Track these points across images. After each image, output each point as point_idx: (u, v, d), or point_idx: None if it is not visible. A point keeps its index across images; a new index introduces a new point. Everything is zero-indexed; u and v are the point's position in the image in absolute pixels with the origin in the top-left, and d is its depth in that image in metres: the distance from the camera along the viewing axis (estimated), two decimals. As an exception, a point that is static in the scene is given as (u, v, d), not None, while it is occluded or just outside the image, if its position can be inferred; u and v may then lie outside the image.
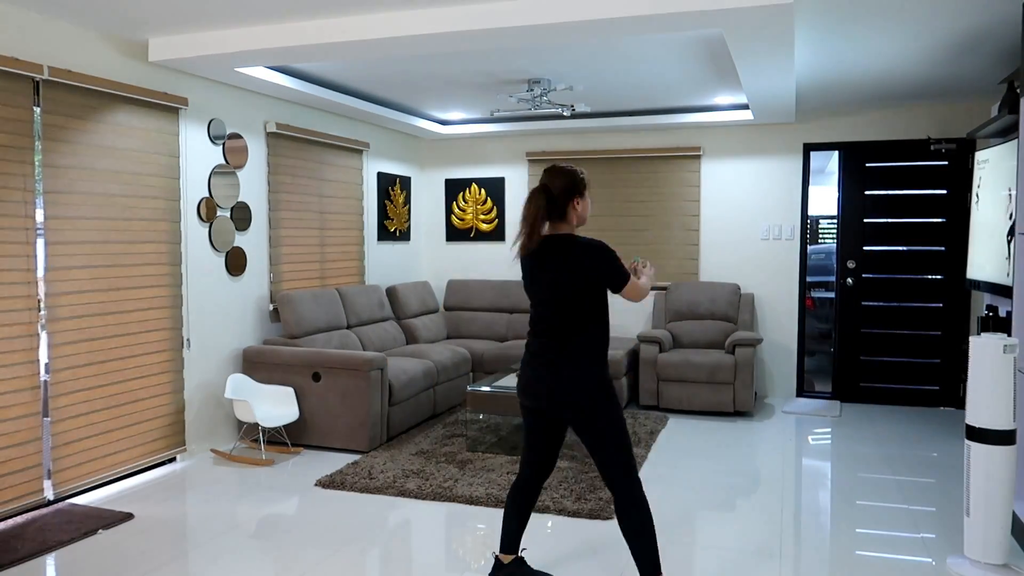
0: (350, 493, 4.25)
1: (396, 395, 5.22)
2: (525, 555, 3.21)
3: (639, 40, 4.36)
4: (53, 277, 4.00)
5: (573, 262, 2.78)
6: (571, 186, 2.84)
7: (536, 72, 5.17)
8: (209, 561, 3.37)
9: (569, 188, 2.84)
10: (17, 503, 3.83)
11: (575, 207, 2.86)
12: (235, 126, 5.25)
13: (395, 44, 4.04)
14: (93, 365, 4.22)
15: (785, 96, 5.38)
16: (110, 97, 4.29)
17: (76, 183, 4.11)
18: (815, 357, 7.82)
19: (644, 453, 4.96)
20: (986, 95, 5.90)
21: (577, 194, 2.86)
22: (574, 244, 2.81)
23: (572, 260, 2.78)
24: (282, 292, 5.51)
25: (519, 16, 3.69)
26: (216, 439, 5.12)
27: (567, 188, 2.84)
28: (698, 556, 3.45)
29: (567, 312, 2.82)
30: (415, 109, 6.68)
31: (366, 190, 6.82)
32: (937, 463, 4.85)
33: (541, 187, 2.86)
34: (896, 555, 3.45)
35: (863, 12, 3.84)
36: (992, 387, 3.14)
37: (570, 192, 2.84)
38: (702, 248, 6.95)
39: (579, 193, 2.87)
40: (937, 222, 6.40)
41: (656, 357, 6.13)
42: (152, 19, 4.01)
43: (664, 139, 7.00)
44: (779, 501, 4.15)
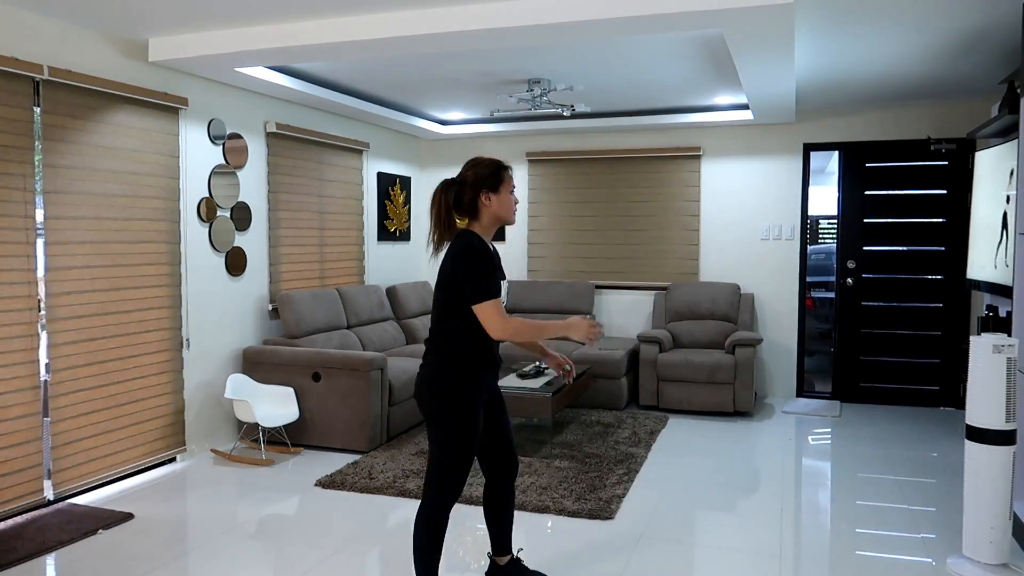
0: (350, 493, 4.25)
1: (396, 395, 5.22)
2: (522, 555, 3.18)
3: (639, 40, 4.36)
4: (53, 277, 4.00)
5: (444, 260, 2.63)
6: (480, 179, 2.64)
7: (536, 72, 5.17)
8: (209, 561, 3.37)
9: (477, 181, 2.64)
10: (17, 503, 3.83)
11: (484, 202, 2.64)
12: (235, 126, 5.25)
13: (395, 44, 4.04)
14: (93, 365, 4.22)
15: (785, 96, 5.38)
16: (110, 97, 4.29)
17: (76, 183, 4.11)
18: (815, 357, 7.82)
19: (644, 453, 4.97)
20: (986, 95, 5.90)
21: (486, 187, 2.63)
22: (453, 242, 2.63)
23: (444, 258, 2.63)
24: (282, 292, 5.51)
25: (519, 16, 3.69)
26: (216, 439, 5.12)
27: (476, 180, 2.64)
28: (698, 556, 3.45)
29: (435, 310, 2.67)
30: (415, 109, 6.68)
31: (366, 190, 6.82)
32: (937, 463, 4.85)
33: (449, 180, 2.69)
34: (896, 555, 3.45)
35: (863, 12, 3.84)
36: (992, 387, 3.14)
37: (477, 185, 2.64)
38: (702, 248, 6.95)
39: (488, 187, 2.64)
40: (937, 222, 6.40)
41: (656, 357, 6.13)
42: (152, 19, 4.01)
43: (664, 139, 7.00)
44: (779, 501, 4.15)
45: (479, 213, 2.68)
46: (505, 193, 2.69)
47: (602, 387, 6.13)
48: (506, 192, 2.69)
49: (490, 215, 2.69)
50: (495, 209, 2.68)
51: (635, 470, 4.61)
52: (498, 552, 3.01)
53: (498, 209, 2.68)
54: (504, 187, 2.69)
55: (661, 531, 3.70)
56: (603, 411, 6.09)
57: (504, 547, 3.00)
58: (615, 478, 4.43)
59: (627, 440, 5.24)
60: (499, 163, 2.71)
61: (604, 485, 4.30)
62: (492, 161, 2.70)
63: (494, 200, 2.67)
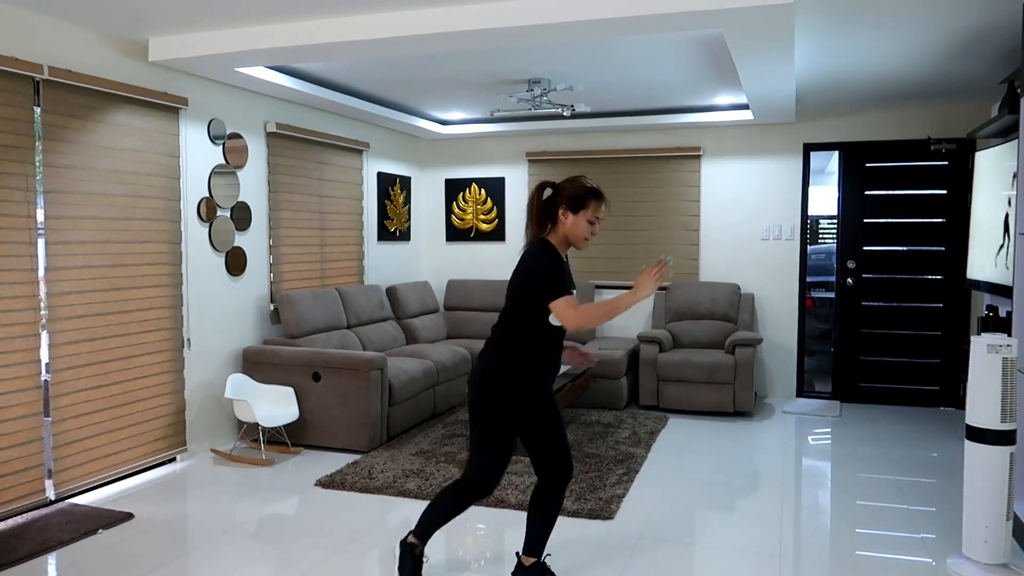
0: (350, 493, 4.25)
1: (396, 395, 5.22)
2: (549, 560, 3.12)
3: (639, 40, 4.36)
4: (54, 277, 4.00)
5: (520, 262, 2.82)
6: (567, 194, 2.78)
7: (536, 72, 5.17)
8: (209, 561, 3.37)
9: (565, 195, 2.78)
10: (18, 503, 3.83)
11: (562, 217, 2.78)
12: (235, 126, 5.25)
13: (395, 44, 4.04)
14: (94, 365, 4.22)
15: (785, 96, 5.38)
16: (110, 97, 4.30)
17: (76, 183, 4.11)
18: (815, 357, 7.82)
19: (644, 453, 4.97)
20: (986, 95, 5.90)
21: (567, 205, 2.77)
22: (529, 247, 2.82)
23: (520, 260, 2.82)
24: (282, 292, 5.51)
25: (519, 16, 3.69)
26: (216, 439, 5.12)
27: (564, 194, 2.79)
28: (698, 556, 3.45)
29: (505, 306, 2.87)
30: (415, 109, 6.68)
31: (366, 190, 6.82)
32: (937, 463, 4.85)
33: (547, 182, 2.84)
34: (896, 555, 3.45)
35: (863, 12, 3.84)
36: (992, 387, 3.14)
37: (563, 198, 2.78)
38: (702, 248, 6.95)
39: (569, 206, 2.77)
40: (937, 222, 6.40)
41: (656, 357, 6.13)
42: (152, 19, 4.01)
43: (664, 139, 7.00)
44: (779, 501, 4.15)
45: (557, 225, 2.82)
46: (583, 219, 2.79)
47: (602, 387, 6.13)
48: (583, 218, 2.79)
49: (563, 231, 2.81)
50: (568, 227, 2.80)
51: (635, 470, 4.61)
52: (527, 552, 2.99)
53: (570, 228, 2.80)
54: (584, 212, 2.79)
55: (661, 531, 3.71)
56: (603, 411, 6.09)
57: (534, 549, 2.97)
58: (615, 478, 4.43)
59: (627, 440, 5.25)
60: (594, 191, 2.83)
61: (604, 485, 4.31)
62: (589, 187, 2.82)
63: (569, 219, 2.79)
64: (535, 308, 2.76)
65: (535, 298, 2.74)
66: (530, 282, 2.74)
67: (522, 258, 2.80)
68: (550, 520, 2.97)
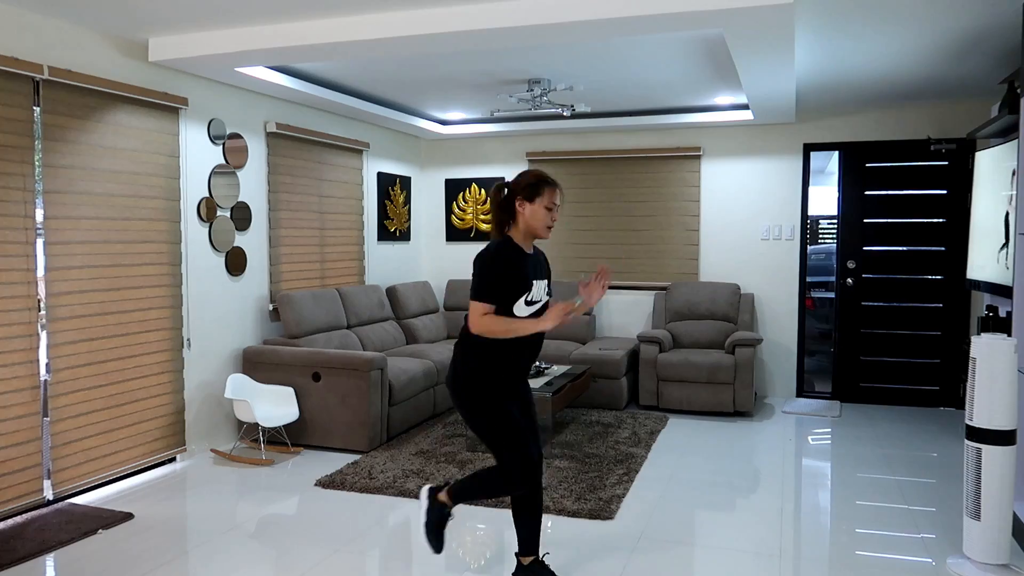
0: (350, 493, 4.25)
1: (396, 395, 5.22)
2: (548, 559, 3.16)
3: (639, 40, 4.36)
4: (53, 277, 4.00)
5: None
6: (519, 186, 2.82)
7: (536, 72, 5.17)
8: (209, 561, 3.37)
9: (517, 187, 2.82)
10: (17, 503, 3.83)
11: (519, 209, 2.82)
12: (235, 126, 5.25)
13: (395, 44, 4.04)
14: (93, 365, 4.22)
15: (785, 96, 5.38)
16: (110, 97, 4.29)
17: (76, 183, 4.11)
18: (815, 357, 7.82)
19: (644, 453, 4.97)
20: (986, 95, 5.90)
21: (522, 195, 2.80)
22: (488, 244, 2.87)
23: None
24: (282, 292, 5.51)
25: (519, 16, 3.69)
26: (216, 439, 5.12)
27: (516, 187, 2.82)
28: (698, 556, 3.45)
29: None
30: (415, 109, 6.68)
31: (366, 190, 6.82)
32: (937, 463, 4.85)
33: (502, 182, 2.89)
34: (896, 555, 3.45)
35: (863, 12, 3.84)
36: (992, 387, 3.14)
37: (516, 191, 2.82)
38: (702, 248, 6.95)
39: (524, 195, 2.80)
40: (937, 222, 6.40)
41: (656, 357, 6.13)
42: (152, 19, 4.01)
43: (664, 139, 7.00)
44: (779, 501, 4.15)
45: (516, 219, 2.85)
46: (539, 205, 2.81)
47: (602, 387, 6.13)
48: (540, 205, 2.81)
49: (523, 222, 2.84)
50: (527, 217, 2.82)
51: (635, 470, 4.61)
52: (522, 552, 3.02)
53: (529, 218, 2.82)
54: (540, 200, 2.81)
55: (661, 531, 3.70)
56: (603, 411, 6.09)
57: (528, 547, 3.01)
58: (615, 478, 4.43)
59: (627, 440, 5.24)
60: (545, 178, 2.85)
61: (604, 485, 4.30)
62: (539, 174, 2.85)
63: (527, 208, 2.81)
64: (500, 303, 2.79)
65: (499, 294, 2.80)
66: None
67: (476, 256, 2.83)
68: (536, 516, 3.00)
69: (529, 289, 2.82)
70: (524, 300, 2.82)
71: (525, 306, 2.82)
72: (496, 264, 2.77)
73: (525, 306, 2.82)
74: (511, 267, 2.79)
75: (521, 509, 3.01)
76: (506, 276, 2.78)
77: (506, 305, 2.80)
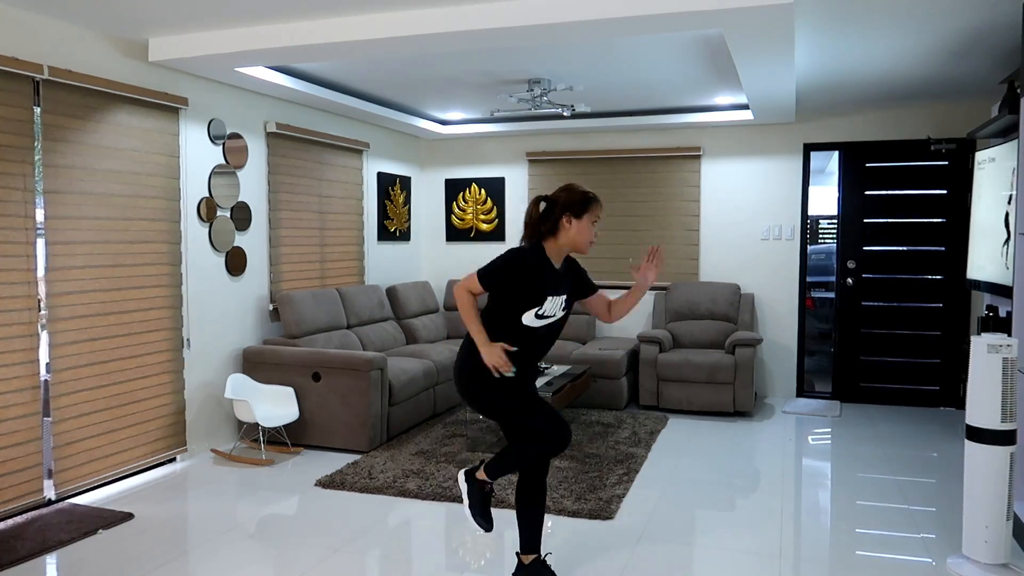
0: (350, 493, 4.25)
1: (396, 395, 5.22)
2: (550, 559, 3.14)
3: (639, 40, 4.36)
4: (53, 277, 4.00)
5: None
6: (568, 201, 2.83)
7: (536, 72, 5.17)
8: (209, 561, 3.37)
9: (565, 203, 2.83)
10: (18, 503, 3.83)
11: (565, 224, 2.83)
12: (235, 126, 5.25)
13: (395, 44, 4.04)
14: (94, 365, 4.22)
15: (785, 96, 5.38)
16: (110, 97, 4.29)
17: (76, 183, 4.11)
18: (815, 357, 7.82)
19: (644, 453, 4.97)
20: (986, 95, 5.90)
21: (570, 211, 2.82)
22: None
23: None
24: (282, 292, 5.51)
25: (519, 16, 3.69)
26: (216, 439, 5.12)
27: (564, 202, 2.83)
28: (698, 556, 3.45)
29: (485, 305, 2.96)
30: (415, 109, 6.68)
31: (366, 190, 6.82)
32: (937, 463, 4.85)
33: (542, 196, 2.91)
34: (896, 555, 3.45)
35: (863, 12, 3.84)
36: (992, 387, 3.14)
37: (564, 206, 2.83)
38: (702, 248, 6.95)
39: (573, 211, 2.82)
40: (937, 222, 6.40)
41: (656, 357, 6.13)
42: (152, 19, 4.01)
43: (664, 139, 7.00)
44: (779, 501, 4.15)
45: (558, 233, 2.86)
46: (587, 222, 2.85)
47: (602, 387, 6.13)
48: (588, 221, 2.86)
49: (567, 238, 2.85)
50: (573, 234, 2.84)
51: (635, 470, 4.61)
52: (524, 550, 3.02)
53: (576, 234, 2.84)
54: (588, 216, 2.85)
55: (661, 531, 3.71)
56: (603, 411, 6.09)
57: (530, 546, 3.01)
58: (615, 478, 4.43)
59: (627, 440, 5.24)
60: (593, 195, 2.88)
61: (604, 485, 4.31)
62: (586, 191, 2.88)
63: (574, 225, 2.83)
64: (507, 307, 2.83)
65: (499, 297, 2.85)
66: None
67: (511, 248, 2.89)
68: (539, 513, 3.01)
69: (541, 304, 2.83)
70: (535, 312, 2.83)
71: (535, 318, 2.84)
72: (520, 265, 2.80)
73: (535, 318, 2.84)
74: (533, 275, 2.81)
75: (525, 504, 3.00)
76: (523, 282, 2.80)
77: (515, 313, 2.82)
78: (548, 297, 2.83)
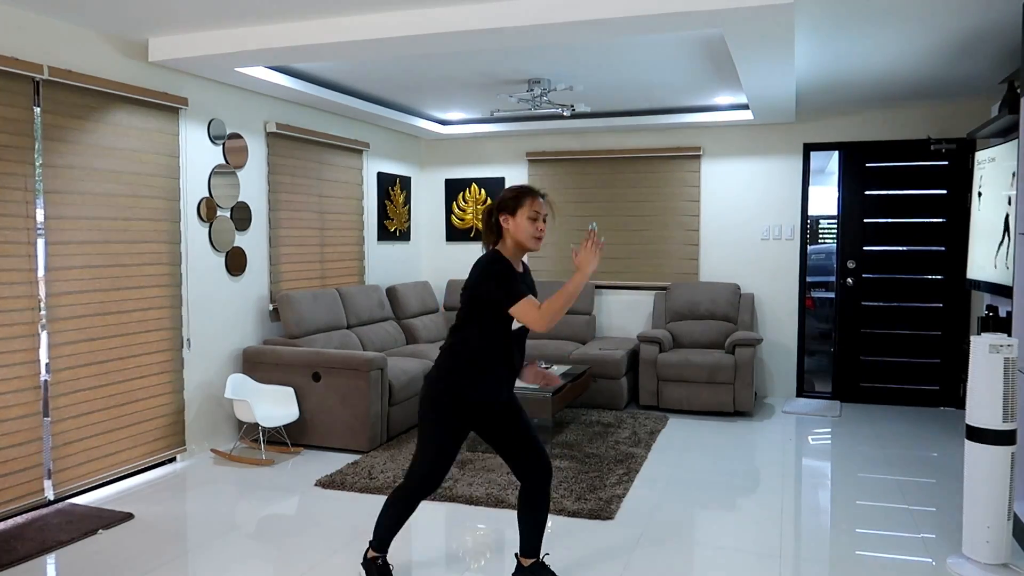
0: (350, 493, 4.25)
1: (396, 395, 5.22)
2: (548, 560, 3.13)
3: (639, 40, 4.36)
4: (53, 277, 4.00)
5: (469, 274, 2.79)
6: (501, 201, 2.78)
7: (536, 72, 5.17)
8: (209, 561, 3.37)
9: (499, 203, 2.78)
10: (17, 503, 3.83)
11: (504, 224, 2.76)
12: (235, 126, 5.25)
13: (395, 44, 4.04)
14: (93, 365, 4.22)
15: (785, 96, 5.38)
16: (110, 97, 4.29)
17: (76, 183, 4.11)
18: (815, 357, 7.82)
19: (644, 453, 4.97)
20: (986, 95, 5.90)
21: (504, 210, 2.76)
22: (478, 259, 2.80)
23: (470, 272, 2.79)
24: (282, 292, 5.51)
25: (519, 16, 3.69)
26: (216, 439, 5.12)
27: (498, 203, 2.79)
28: (698, 556, 3.45)
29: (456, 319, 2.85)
30: (415, 109, 6.68)
31: (366, 190, 6.82)
32: (937, 463, 4.85)
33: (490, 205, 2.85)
34: (896, 555, 3.45)
35: (863, 12, 3.84)
36: (992, 387, 3.14)
37: (499, 207, 2.78)
38: (702, 248, 6.95)
39: (506, 209, 2.75)
40: (937, 222, 6.40)
41: (656, 357, 6.13)
42: (152, 19, 4.01)
43: (664, 139, 7.00)
44: (779, 501, 4.15)
45: (504, 235, 2.79)
46: (522, 217, 2.74)
47: (602, 387, 6.13)
48: (523, 217, 2.74)
49: (511, 237, 2.78)
50: (513, 231, 2.76)
51: (635, 470, 4.61)
52: (523, 553, 2.99)
53: (514, 231, 2.75)
54: (522, 211, 2.74)
55: (661, 531, 3.71)
56: (603, 411, 6.09)
57: (529, 549, 2.98)
58: (615, 478, 4.43)
59: (627, 440, 5.24)
60: (526, 189, 2.80)
61: (604, 485, 4.31)
62: (521, 187, 2.80)
63: (511, 222, 2.76)
64: (490, 314, 2.73)
65: (490, 305, 2.71)
66: (482, 289, 2.71)
67: (474, 265, 2.77)
68: (540, 520, 2.96)
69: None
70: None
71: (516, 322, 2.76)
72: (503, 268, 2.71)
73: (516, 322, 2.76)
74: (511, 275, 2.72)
75: (527, 508, 2.95)
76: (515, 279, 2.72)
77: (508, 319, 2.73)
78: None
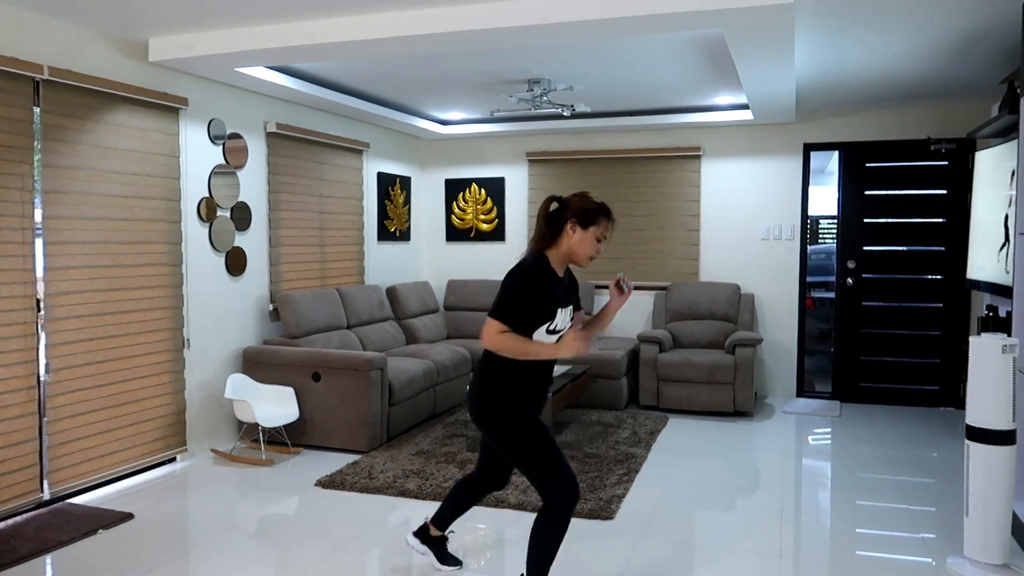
0: (350, 493, 4.25)
1: (396, 395, 5.22)
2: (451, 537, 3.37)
3: (639, 40, 4.36)
4: (52, 277, 4.00)
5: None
6: (577, 209, 2.69)
7: (536, 72, 5.17)
8: (209, 561, 3.37)
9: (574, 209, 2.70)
10: (14, 503, 3.83)
11: (568, 231, 2.70)
12: (235, 126, 5.25)
13: (395, 44, 4.04)
14: (92, 365, 4.22)
15: (785, 96, 5.38)
16: (110, 97, 4.29)
17: (76, 183, 4.11)
18: (815, 357, 7.82)
19: (644, 453, 4.97)
20: (986, 95, 5.90)
21: (576, 219, 2.69)
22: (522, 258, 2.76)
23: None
24: (282, 292, 5.51)
25: (519, 16, 3.69)
26: (216, 439, 5.12)
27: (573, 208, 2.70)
28: (698, 556, 3.45)
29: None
30: (415, 109, 6.68)
31: (366, 190, 6.82)
32: (937, 463, 4.85)
33: (555, 196, 2.76)
34: (896, 555, 3.45)
35: (863, 12, 3.84)
36: (992, 387, 3.14)
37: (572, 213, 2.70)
38: (702, 248, 6.95)
39: (579, 220, 2.68)
40: (937, 222, 6.40)
41: (656, 357, 6.13)
42: (152, 19, 4.01)
43: (664, 139, 7.00)
44: (779, 501, 4.15)
45: (560, 238, 2.74)
46: (590, 235, 2.72)
47: (602, 387, 6.13)
48: (591, 235, 2.72)
49: (567, 246, 2.73)
50: (574, 243, 2.72)
51: (635, 470, 4.61)
52: (437, 524, 3.20)
53: (576, 244, 2.72)
54: (593, 229, 2.72)
55: (661, 531, 3.70)
56: (603, 411, 6.09)
57: (447, 524, 3.21)
58: (615, 478, 4.43)
59: (627, 440, 5.24)
60: (607, 209, 2.76)
61: (604, 485, 4.30)
62: (602, 204, 2.76)
63: (577, 233, 2.71)
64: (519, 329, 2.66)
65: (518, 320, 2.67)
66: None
67: (508, 272, 2.72)
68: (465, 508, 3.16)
69: (553, 318, 2.70)
70: (546, 328, 2.70)
71: (547, 334, 2.72)
72: (528, 289, 2.64)
73: (547, 334, 2.72)
74: (542, 293, 2.66)
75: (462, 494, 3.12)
76: (534, 303, 2.65)
77: (526, 331, 2.68)
78: (558, 310, 2.71)
